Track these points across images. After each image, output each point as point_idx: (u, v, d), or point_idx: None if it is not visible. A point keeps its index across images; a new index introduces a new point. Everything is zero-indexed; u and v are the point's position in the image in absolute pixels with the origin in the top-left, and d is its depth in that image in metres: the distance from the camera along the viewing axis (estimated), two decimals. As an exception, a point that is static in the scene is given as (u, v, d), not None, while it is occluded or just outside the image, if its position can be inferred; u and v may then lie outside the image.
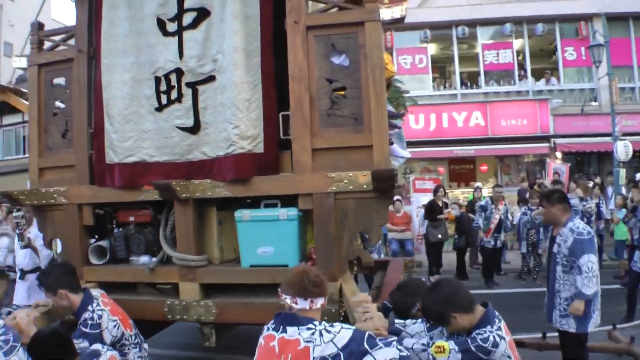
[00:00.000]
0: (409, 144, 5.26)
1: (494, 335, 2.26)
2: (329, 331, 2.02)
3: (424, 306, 2.39)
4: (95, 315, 2.80)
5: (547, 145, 14.07)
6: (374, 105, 3.05)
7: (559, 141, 14.08)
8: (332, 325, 2.07)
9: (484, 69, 15.16)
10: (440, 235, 9.00)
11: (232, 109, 3.20)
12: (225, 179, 3.23)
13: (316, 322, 2.07)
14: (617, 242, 8.90)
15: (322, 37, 3.17)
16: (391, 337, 2.16)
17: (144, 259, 3.56)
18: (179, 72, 3.38)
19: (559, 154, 14.12)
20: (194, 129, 3.37)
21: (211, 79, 3.32)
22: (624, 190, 10.68)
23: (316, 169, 3.12)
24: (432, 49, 15.71)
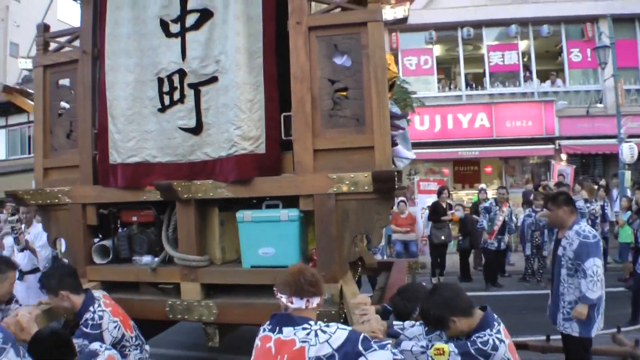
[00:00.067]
0: (414, 145, 5.23)
1: (493, 338, 2.25)
2: (324, 331, 2.01)
3: (423, 310, 2.38)
4: (96, 315, 2.81)
5: (552, 147, 13.97)
6: (375, 106, 3.04)
7: (564, 143, 13.98)
8: (328, 325, 2.06)
9: (489, 70, 15.06)
10: (443, 236, 8.96)
11: (235, 110, 3.20)
12: (227, 180, 3.24)
13: (312, 322, 2.06)
14: (622, 244, 8.84)
15: (324, 38, 3.18)
16: (386, 340, 2.14)
17: (146, 259, 3.59)
18: (181, 73, 3.39)
19: (564, 156, 14.02)
20: (197, 130, 3.39)
21: (214, 79, 3.33)
22: (629, 192, 10.60)
23: (318, 170, 3.12)
24: (437, 50, 15.63)
